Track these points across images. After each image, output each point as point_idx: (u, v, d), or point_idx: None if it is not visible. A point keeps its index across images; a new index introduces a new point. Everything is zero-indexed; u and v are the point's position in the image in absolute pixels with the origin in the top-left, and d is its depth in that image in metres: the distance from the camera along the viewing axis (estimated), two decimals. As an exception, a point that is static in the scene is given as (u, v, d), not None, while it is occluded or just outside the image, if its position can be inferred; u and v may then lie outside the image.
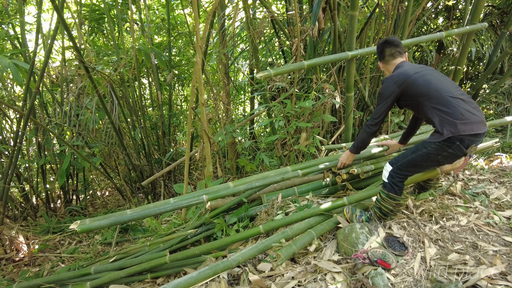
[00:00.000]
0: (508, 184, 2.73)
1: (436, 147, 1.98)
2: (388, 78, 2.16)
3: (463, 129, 1.90)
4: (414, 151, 2.07)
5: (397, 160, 2.12)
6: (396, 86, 2.10)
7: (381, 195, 2.18)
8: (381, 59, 2.35)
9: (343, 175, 2.70)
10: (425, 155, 2.02)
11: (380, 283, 1.72)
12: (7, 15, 4.24)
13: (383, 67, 2.38)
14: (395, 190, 2.11)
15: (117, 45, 4.94)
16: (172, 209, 2.25)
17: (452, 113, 1.93)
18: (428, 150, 2.00)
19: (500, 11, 5.12)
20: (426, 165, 2.11)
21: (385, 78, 2.19)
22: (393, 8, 3.91)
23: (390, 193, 2.12)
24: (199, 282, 1.84)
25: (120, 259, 2.97)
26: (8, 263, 3.65)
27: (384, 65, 2.35)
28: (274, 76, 2.80)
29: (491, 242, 2.07)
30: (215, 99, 4.26)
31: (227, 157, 4.86)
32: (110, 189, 6.48)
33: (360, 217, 2.30)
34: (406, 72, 2.11)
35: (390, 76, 2.18)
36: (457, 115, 1.92)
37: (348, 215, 2.32)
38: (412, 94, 2.07)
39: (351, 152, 2.50)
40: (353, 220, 2.29)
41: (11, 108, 4.74)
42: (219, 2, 3.85)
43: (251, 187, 2.43)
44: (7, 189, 3.89)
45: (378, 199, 2.21)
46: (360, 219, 2.29)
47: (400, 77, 2.10)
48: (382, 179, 2.19)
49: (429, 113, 2.02)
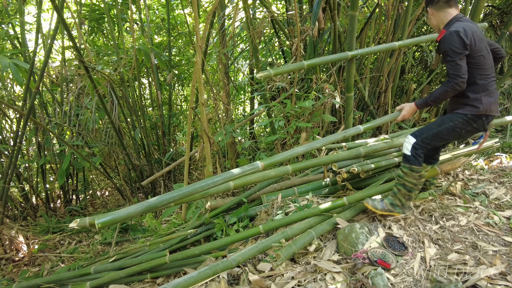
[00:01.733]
0: (508, 184, 2.73)
1: (463, 121, 2.04)
2: (453, 32, 1.92)
3: (494, 108, 2.04)
4: (440, 124, 2.10)
5: (421, 133, 2.12)
6: (466, 38, 1.90)
7: (403, 171, 2.18)
8: (432, 4, 2.09)
9: (343, 174, 2.70)
10: (451, 128, 2.07)
11: (380, 283, 1.72)
12: (7, 14, 4.24)
13: (433, 14, 2.10)
14: (418, 161, 2.12)
15: (117, 45, 4.94)
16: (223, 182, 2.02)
17: (491, 92, 2.03)
18: (454, 123, 2.06)
19: (500, 11, 5.12)
20: (449, 138, 2.15)
21: (448, 32, 1.94)
22: (393, 8, 3.92)
23: (413, 166, 2.12)
24: (199, 282, 1.84)
25: (120, 259, 2.98)
26: (8, 263, 3.65)
27: (435, 12, 2.08)
28: (274, 76, 2.80)
29: (491, 242, 2.07)
30: (215, 99, 4.25)
31: (227, 157, 4.86)
32: (110, 189, 6.47)
33: (382, 202, 2.27)
34: (472, 27, 1.96)
35: (453, 28, 1.95)
36: (494, 94, 2.04)
37: (370, 205, 2.28)
38: (473, 55, 1.95)
39: (417, 106, 2.26)
40: (377, 207, 2.25)
41: (11, 108, 4.74)
42: (219, 2, 3.85)
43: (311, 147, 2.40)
44: (7, 189, 3.89)
45: (401, 175, 2.21)
46: (384, 205, 2.25)
47: (468, 30, 1.92)
48: (404, 153, 2.17)
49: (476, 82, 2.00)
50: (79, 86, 4.37)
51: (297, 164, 2.45)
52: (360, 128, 2.55)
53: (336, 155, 2.63)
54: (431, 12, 2.14)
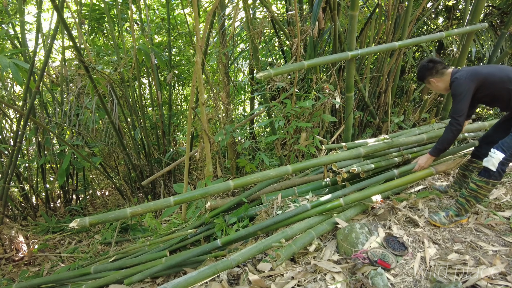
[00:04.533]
0: (508, 185, 2.73)
1: None
2: (458, 78, 2.22)
3: None
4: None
5: (509, 147, 2.08)
6: (470, 81, 2.17)
7: (478, 184, 2.15)
8: (436, 75, 2.38)
9: (343, 174, 2.70)
10: None
11: (379, 283, 1.72)
12: (7, 14, 4.24)
13: (439, 81, 2.39)
14: (501, 176, 2.11)
15: (117, 45, 4.94)
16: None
17: None
18: None
19: (500, 11, 5.12)
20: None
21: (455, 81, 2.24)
22: (393, 8, 3.91)
23: (496, 181, 2.11)
24: (198, 282, 1.84)
25: (120, 258, 2.97)
26: (8, 262, 3.65)
27: (440, 79, 2.38)
28: (274, 76, 2.80)
29: (491, 242, 2.07)
30: (215, 99, 4.25)
31: (227, 157, 4.86)
32: (110, 189, 6.48)
33: (447, 215, 2.27)
34: (472, 69, 2.22)
35: (457, 77, 2.24)
36: None
37: (438, 222, 2.27)
38: (491, 82, 2.16)
39: (432, 155, 2.46)
40: (444, 223, 2.26)
41: (11, 108, 4.74)
42: (219, 2, 3.85)
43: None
44: (7, 189, 3.89)
45: (473, 189, 2.18)
46: (451, 219, 2.26)
47: (470, 72, 2.19)
48: (487, 167, 2.11)
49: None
50: (79, 86, 4.36)
51: (297, 164, 2.45)
52: None
53: (336, 155, 2.63)
54: (436, 81, 2.39)
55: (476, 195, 2.18)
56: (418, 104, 4.96)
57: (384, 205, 2.50)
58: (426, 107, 4.40)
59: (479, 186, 2.14)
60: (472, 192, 2.19)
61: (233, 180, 2.24)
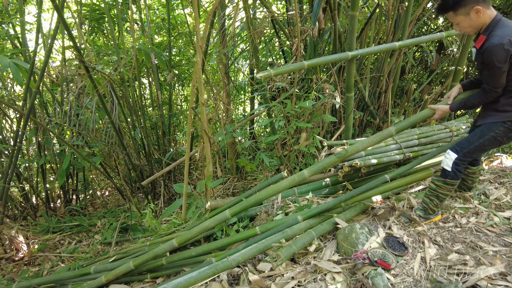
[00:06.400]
0: (508, 185, 2.73)
1: (504, 129, 2.03)
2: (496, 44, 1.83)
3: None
4: (481, 136, 2.08)
5: (462, 147, 2.10)
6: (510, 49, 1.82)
7: (436, 184, 2.20)
8: (483, 3, 1.88)
9: (345, 168, 2.70)
10: (492, 138, 2.05)
11: (380, 283, 1.72)
12: (7, 14, 4.24)
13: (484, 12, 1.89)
14: (457, 176, 2.13)
15: (117, 45, 4.94)
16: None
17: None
18: (496, 133, 2.04)
19: (500, 12, 5.12)
20: (490, 148, 2.14)
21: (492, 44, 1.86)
22: (393, 9, 3.91)
23: (453, 180, 2.14)
24: (199, 282, 1.84)
25: (120, 258, 2.97)
26: (8, 262, 3.65)
27: (484, 9, 1.89)
28: (274, 76, 2.80)
29: (491, 243, 2.07)
30: (215, 99, 4.25)
31: (227, 157, 4.86)
32: (110, 189, 6.48)
33: (415, 214, 2.31)
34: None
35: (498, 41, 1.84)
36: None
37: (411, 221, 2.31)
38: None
39: (450, 110, 2.26)
40: (416, 220, 2.30)
41: (11, 108, 4.74)
42: (219, 2, 3.85)
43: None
44: (7, 189, 3.89)
45: (433, 188, 2.22)
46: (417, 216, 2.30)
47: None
48: (443, 168, 2.16)
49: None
50: (79, 86, 4.36)
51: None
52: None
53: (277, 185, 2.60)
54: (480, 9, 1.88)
55: (437, 194, 2.23)
56: (418, 104, 4.96)
57: (384, 205, 2.50)
58: (426, 107, 4.40)
59: (438, 185, 2.21)
60: (433, 192, 2.25)
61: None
